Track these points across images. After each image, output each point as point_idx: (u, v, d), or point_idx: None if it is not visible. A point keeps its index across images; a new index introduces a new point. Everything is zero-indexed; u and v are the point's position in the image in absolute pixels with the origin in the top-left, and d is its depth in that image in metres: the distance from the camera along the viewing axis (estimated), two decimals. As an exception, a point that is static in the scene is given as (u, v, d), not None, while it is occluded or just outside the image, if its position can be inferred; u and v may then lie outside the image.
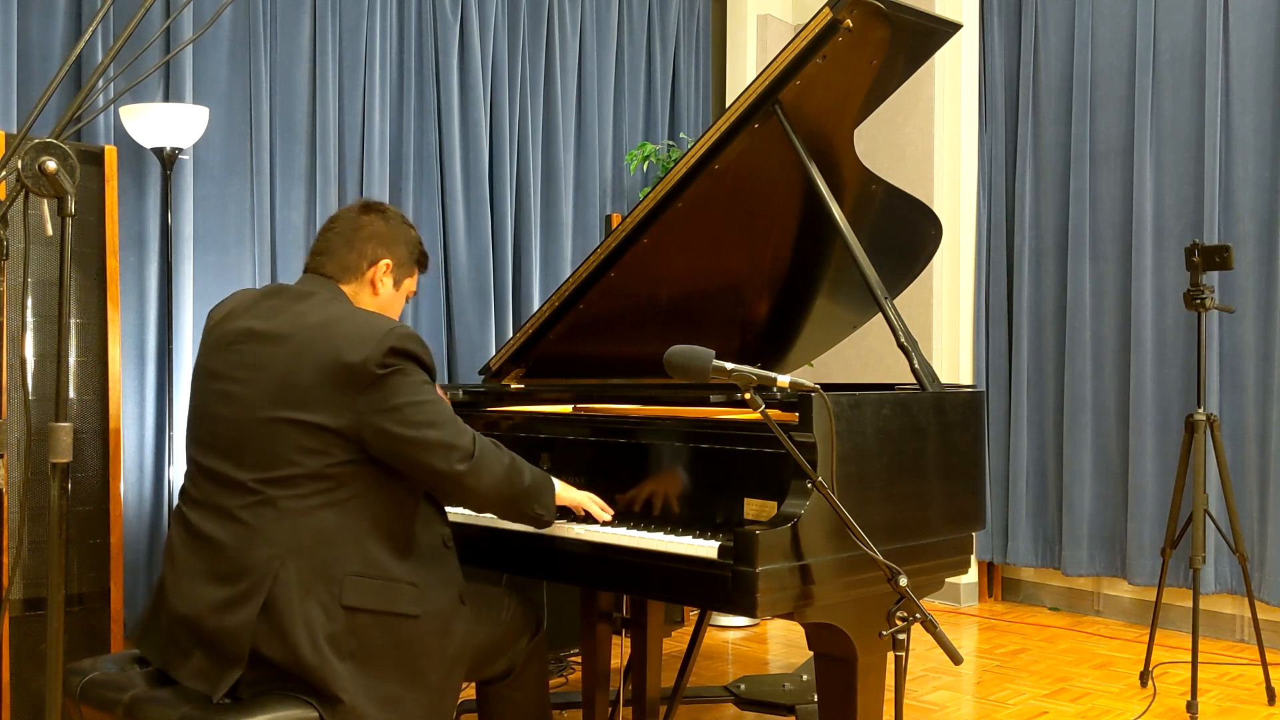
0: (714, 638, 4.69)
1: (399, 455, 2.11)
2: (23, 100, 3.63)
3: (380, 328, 2.12)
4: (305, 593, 2.04)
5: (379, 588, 2.10)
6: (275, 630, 2.02)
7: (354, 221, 2.33)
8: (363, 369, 2.08)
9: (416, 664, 2.13)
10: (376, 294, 2.33)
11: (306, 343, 2.12)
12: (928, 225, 3.11)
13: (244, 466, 2.10)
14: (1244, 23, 4.53)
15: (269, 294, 2.28)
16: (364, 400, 2.08)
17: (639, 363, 3.11)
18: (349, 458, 2.09)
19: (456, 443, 2.15)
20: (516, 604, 2.45)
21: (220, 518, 2.11)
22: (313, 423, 2.07)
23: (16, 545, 2.99)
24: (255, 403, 2.11)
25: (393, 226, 2.36)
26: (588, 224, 5.12)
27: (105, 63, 1.79)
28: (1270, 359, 4.44)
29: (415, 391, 2.12)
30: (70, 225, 1.75)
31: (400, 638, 2.11)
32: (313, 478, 2.07)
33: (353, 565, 2.08)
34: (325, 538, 2.07)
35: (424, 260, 2.45)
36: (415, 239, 2.41)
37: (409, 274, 2.41)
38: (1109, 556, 4.92)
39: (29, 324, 3.07)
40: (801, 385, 2.12)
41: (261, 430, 2.09)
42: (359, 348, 2.09)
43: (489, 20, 4.75)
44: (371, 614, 2.08)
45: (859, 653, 2.28)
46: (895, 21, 2.61)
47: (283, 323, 2.17)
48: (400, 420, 2.09)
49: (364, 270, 2.31)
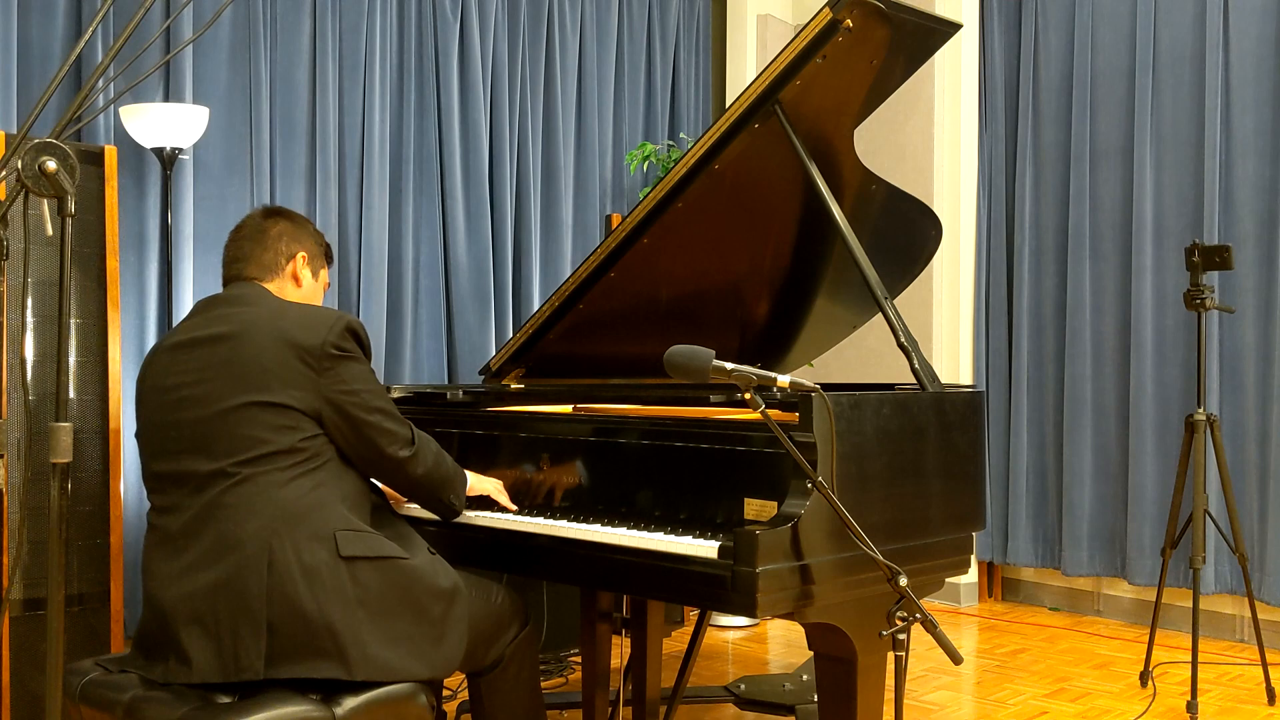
0: (714, 638, 4.69)
1: (350, 435, 2.25)
2: (23, 100, 3.63)
3: (331, 314, 2.26)
4: (301, 554, 2.10)
5: (368, 538, 2.20)
6: (281, 594, 2.07)
7: (260, 225, 2.44)
8: (321, 350, 2.19)
9: (418, 600, 2.21)
10: (300, 285, 2.45)
11: (258, 332, 2.21)
12: (928, 225, 3.11)
13: (217, 456, 2.16)
14: (1244, 23, 4.53)
15: (204, 307, 2.35)
16: (324, 381, 2.19)
17: (639, 363, 3.12)
18: (316, 432, 2.21)
19: (401, 431, 2.33)
20: (506, 593, 2.52)
21: (198, 512, 2.15)
22: (279, 403, 2.17)
23: (16, 545, 2.99)
24: (219, 396, 2.18)
25: (298, 224, 2.48)
26: (588, 224, 5.12)
27: (105, 63, 1.80)
28: (1270, 359, 4.44)
29: (368, 378, 2.27)
30: (70, 225, 1.75)
31: (398, 578, 2.19)
32: (286, 453, 2.16)
33: (339, 523, 2.17)
34: (309, 503, 2.15)
35: (329, 253, 2.58)
36: (319, 235, 2.54)
37: (322, 265, 2.53)
38: (1109, 556, 4.92)
39: (29, 324, 3.07)
40: (801, 385, 2.12)
41: (229, 419, 2.16)
42: (314, 331, 2.21)
43: (489, 20, 4.75)
44: (368, 560, 2.16)
45: (859, 653, 2.28)
46: (895, 21, 2.61)
47: (226, 324, 2.25)
48: (357, 404, 2.23)
49: (283, 266, 2.42)
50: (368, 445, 2.27)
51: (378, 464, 2.31)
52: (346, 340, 2.23)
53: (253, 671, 2.05)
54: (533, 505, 2.63)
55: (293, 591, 2.07)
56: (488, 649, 2.45)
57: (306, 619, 2.07)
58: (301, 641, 2.07)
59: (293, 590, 2.07)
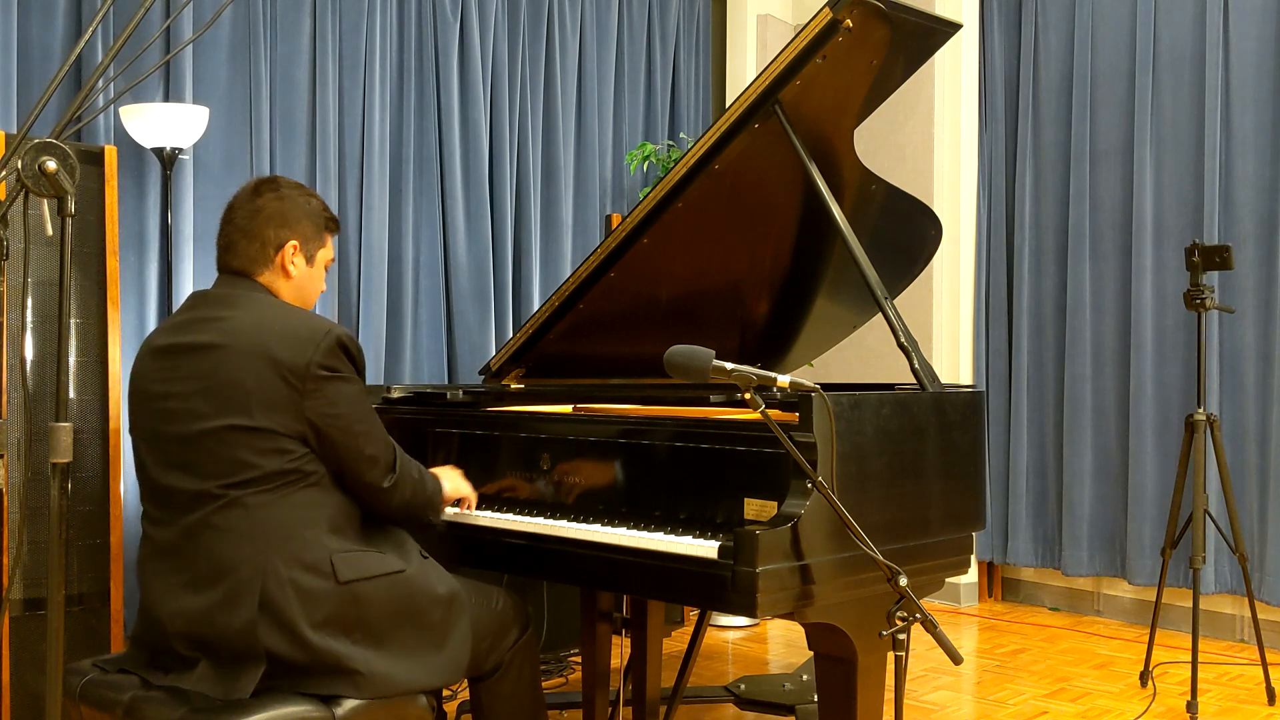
0: (714, 638, 4.69)
1: (332, 458, 2.17)
2: (23, 100, 3.63)
3: (318, 328, 2.14)
4: (298, 580, 2.06)
5: (364, 557, 2.15)
6: (275, 621, 2.03)
7: (249, 207, 2.28)
8: (305, 371, 2.10)
9: (418, 609, 2.18)
10: (290, 277, 2.30)
11: (241, 347, 2.11)
12: (928, 225, 3.11)
13: (204, 477, 2.10)
14: (1244, 23, 4.53)
15: (191, 305, 2.27)
16: (308, 403, 2.11)
17: (639, 363, 3.11)
18: (303, 451, 2.13)
19: (384, 456, 2.24)
20: (506, 598, 2.49)
21: (188, 529, 2.11)
22: (261, 427, 2.08)
23: (16, 545, 2.98)
24: (200, 415, 2.11)
25: (289, 203, 2.29)
26: (588, 224, 5.12)
27: (105, 63, 1.80)
28: (1270, 359, 4.44)
29: (353, 399, 2.17)
30: (70, 225, 1.75)
31: (397, 592, 2.16)
32: (275, 474, 2.10)
33: (333, 543, 2.12)
34: (300, 523, 2.10)
35: (333, 224, 2.39)
36: (317, 208, 2.34)
37: (320, 245, 2.35)
38: (1109, 556, 4.92)
39: (29, 324, 3.07)
40: (801, 385, 2.11)
41: (211, 440, 2.09)
42: (300, 349, 2.10)
43: (489, 20, 4.75)
44: (369, 580, 2.13)
45: (859, 653, 2.28)
46: (895, 21, 2.61)
47: (208, 332, 2.16)
48: (341, 428, 2.15)
49: (271, 257, 2.27)
50: (347, 470, 2.19)
51: (356, 488, 2.23)
52: (334, 357, 2.14)
53: (250, 692, 2.03)
54: (532, 505, 2.63)
55: (290, 619, 2.03)
56: (488, 654, 2.42)
57: (308, 646, 2.04)
58: (303, 666, 2.05)
59: (290, 618, 2.03)
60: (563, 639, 4.10)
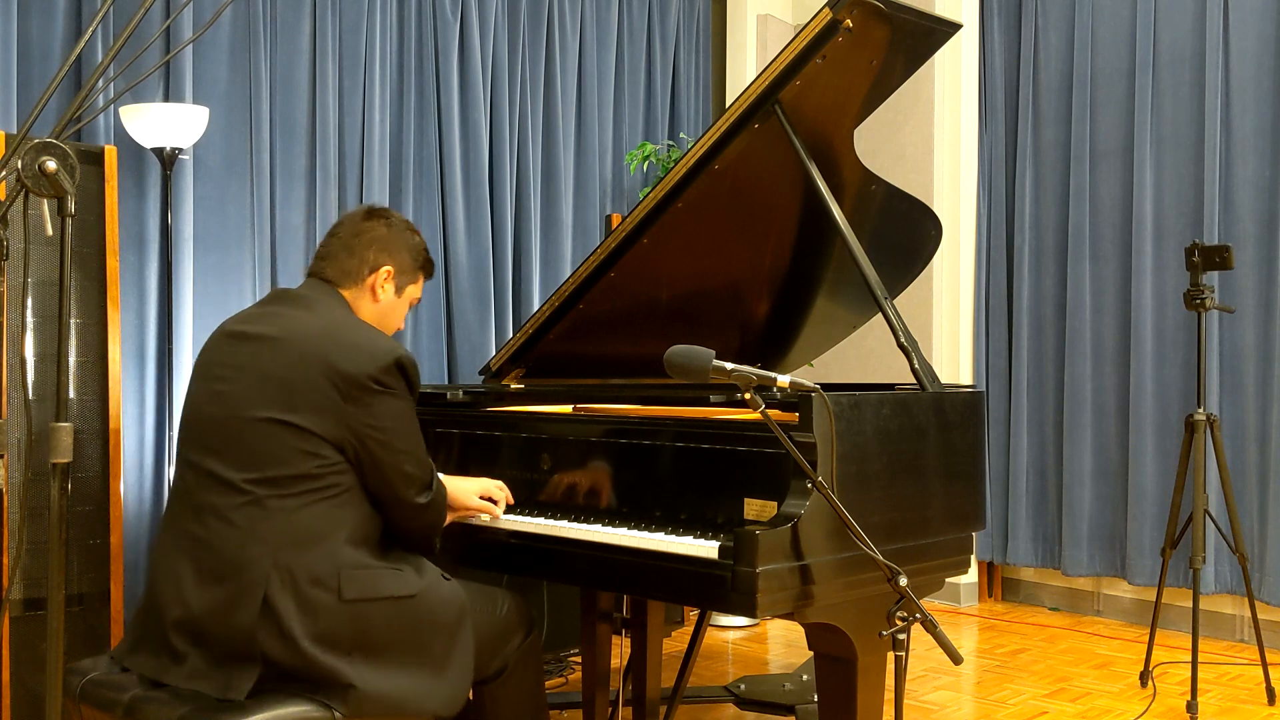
0: (714, 638, 4.69)
1: (371, 470, 2.17)
2: (23, 100, 3.63)
3: (385, 346, 2.17)
4: (302, 592, 2.05)
5: (374, 576, 2.14)
6: (275, 628, 2.03)
7: (356, 227, 2.37)
8: (356, 380, 2.12)
9: (420, 637, 2.16)
10: (377, 301, 2.36)
11: (301, 346, 2.15)
12: (928, 225, 3.11)
13: (235, 466, 2.12)
14: (1244, 23, 4.53)
15: (270, 300, 2.32)
16: (351, 410, 2.12)
17: (639, 363, 3.11)
18: (337, 459, 2.13)
19: (423, 477, 2.25)
20: (511, 601, 2.48)
21: (211, 517, 2.12)
22: (303, 427, 2.10)
23: (16, 545, 2.98)
24: (244, 403, 2.14)
25: (395, 232, 2.39)
26: (588, 224, 5.12)
27: (105, 63, 1.80)
28: (1270, 359, 4.44)
29: (401, 417, 2.19)
30: (70, 225, 1.75)
31: (403, 618, 2.15)
32: (302, 478, 2.10)
33: (345, 558, 2.11)
34: (317, 534, 2.10)
35: (429, 266, 2.48)
36: (419, 245, 2.44)
37: (412, 280, 2.44)
38: (1109, 556, 4.92)
39: (29, 324, 3.07)
40: (801, 385, 2.12)
41: (252, 430, 2.12)
42: (359, 360, 2.13)
43: (489, 20, 4.75)
44: (372, 602, 2.11)
45: (859, 653, 2.28)
46: (895, 21, 2.61)
47: (275, 326, 2.20)
48: (382, 442, 2.16)
49: (364, 276, 2.34)
50: (385, 484, 2.19)
51: (390, 504, 2.23)
52: (390, 374, 2.16)
53: (246, 694, 2.03)
54: (533, 506, 2.63)
55: (288, 629, 2.03)
56: (492, 658, 2.41)
57: (304, 657, 2.03)
58: (297, 676, 2.05)
59: (289, 628, 2.03)
60: (563, 639, 4.10)
